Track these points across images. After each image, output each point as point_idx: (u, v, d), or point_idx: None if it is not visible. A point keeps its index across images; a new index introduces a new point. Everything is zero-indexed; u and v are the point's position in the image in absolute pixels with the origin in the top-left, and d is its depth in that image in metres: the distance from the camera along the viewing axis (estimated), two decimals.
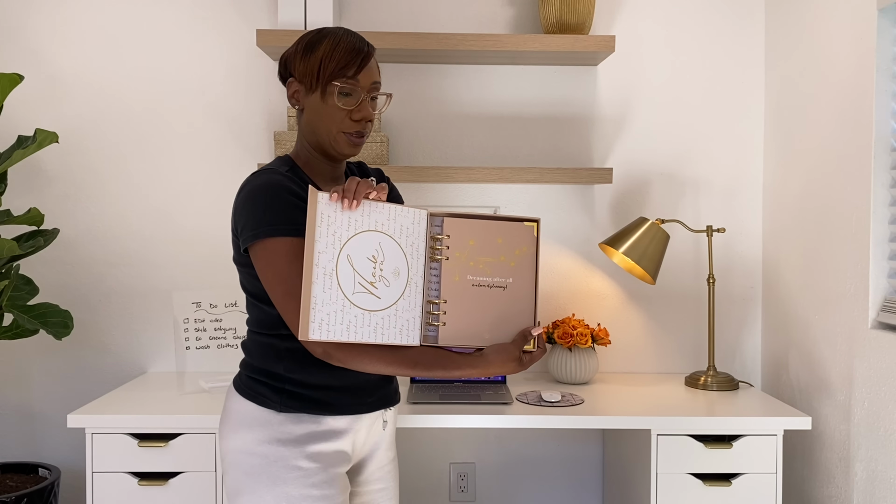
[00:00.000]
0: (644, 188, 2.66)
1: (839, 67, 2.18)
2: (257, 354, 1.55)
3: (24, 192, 2.60)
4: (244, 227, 1.45)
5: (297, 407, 1.50)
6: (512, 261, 1.48)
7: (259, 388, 1.52)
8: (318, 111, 1.50)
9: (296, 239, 1.40)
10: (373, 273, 1.39)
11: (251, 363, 1.56)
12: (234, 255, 1.55)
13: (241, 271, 1.55)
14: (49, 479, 2.40)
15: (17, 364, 2.63)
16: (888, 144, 2.01)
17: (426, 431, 2.69)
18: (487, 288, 1.46)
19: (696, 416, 2.11)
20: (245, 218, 1.45)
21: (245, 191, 1.47)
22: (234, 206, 1.50)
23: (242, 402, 1.53)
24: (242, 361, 1.60)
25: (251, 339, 1.58)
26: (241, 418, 1.52)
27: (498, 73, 2.64)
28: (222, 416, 1.59)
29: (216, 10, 2.60)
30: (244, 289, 1.56)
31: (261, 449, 1.49)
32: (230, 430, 1.54)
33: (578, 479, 2.71)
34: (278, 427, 1.49)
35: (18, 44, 2.59)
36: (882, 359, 1.98)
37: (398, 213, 1.41)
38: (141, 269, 2.62)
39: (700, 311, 2.66)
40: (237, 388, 1.56)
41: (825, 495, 2.25)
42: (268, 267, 1.42)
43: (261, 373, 1.53)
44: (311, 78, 1.49)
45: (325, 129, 1.50)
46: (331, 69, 1.47)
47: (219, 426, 1.60)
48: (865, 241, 2.05)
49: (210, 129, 2.61)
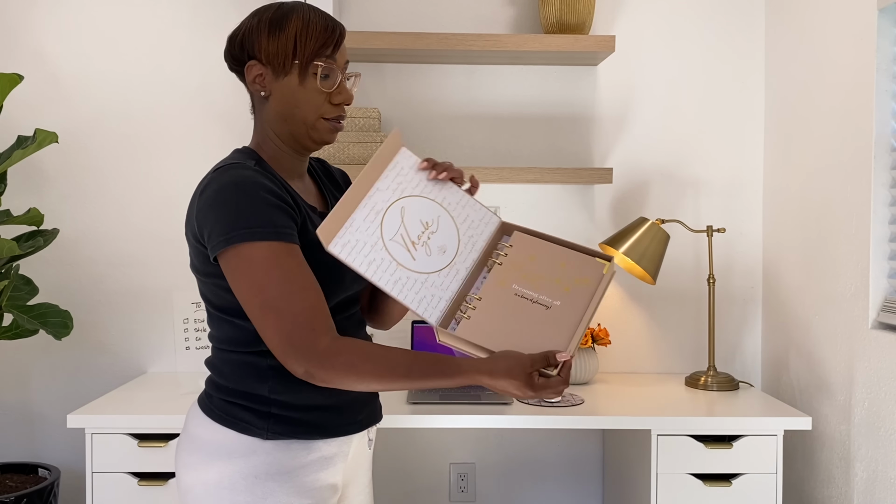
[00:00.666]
0: (644, 188, 2.66)
1: (839, 67, 2.18)
2: (232, 374, 1.33)
3: (24, 192, 2.60)
4: (213, 231, 1.24)
5: (287, 432, 1.31)
6: (568, 286, 1.33)
7: (239, 412, 1.31)
8: (294, 96, 1.31)
9: (274, 243, 1.22)
10: (419, 236, 1.31)
11: (224, 385, 1.34)
12: (195, 264, 1.34)
13: (204, 282, 1.34)
14: (49, 479, 2.40)
15: (17, 364, 2.63)
16: (888, 144, 2.01)
17: (426, 431, 2.69)
18: (530, 302, 1.32)
19: (696, 417, 2.11)
20: (213, 221, 1.24)
21: (211, 189, 1.26)
22: (198, 208, 1.28)
23: (217, 430, 1.31)
24: (211, 382, 1.37)
25: (221, 357, 1.36)
26: (216, 448, 1.31)
27: (498, 73, 2.64)
28: (184, 445, 1.35)
29: (216, 10, 2.60)
30: (208, 302, 1.35)
31: (245, 484, 1.28)
32: (200, 462, 1.31)
33: (578, 479, 2.71)
34: (265, 457, 1.30)
35: (18, 44, 2.58)
36: (882, 359, 1.98)
37: (471, 204, 1.36)
38: (141, 269, 2.62)
39: (700, 311, 2.66)
40: (208, 413, 1.33)
41: (825, 495, 2.25)
42: (242, 277, 1.22)
43: (238, 395, 1.32)
44: (283, 59, 1.30)
45: (301, 116, 1.32)
46: (311, 48, 1.30)
47: (178, 457, 1.36)
48: (865, 241, 2.05)
49: (210, 129, 2.61)
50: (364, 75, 2.63)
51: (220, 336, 1.35)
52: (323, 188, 1.47)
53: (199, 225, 1.27)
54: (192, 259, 1.34)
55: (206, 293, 1.35)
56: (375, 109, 2.48)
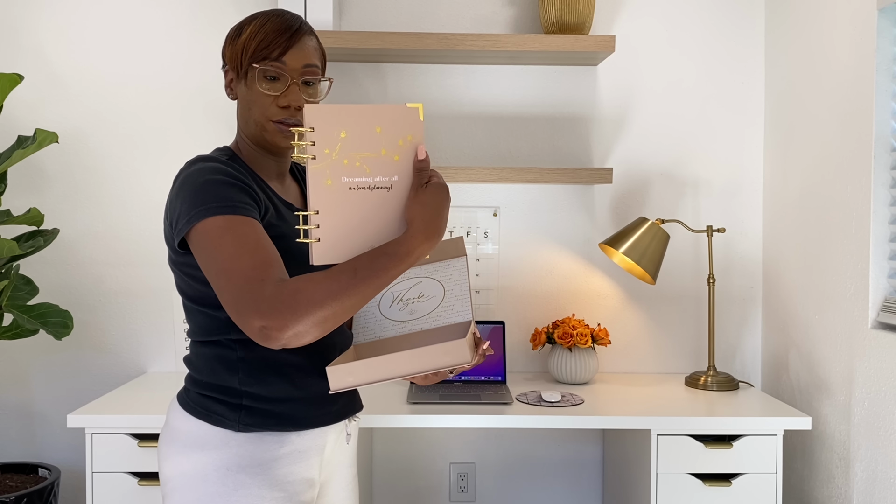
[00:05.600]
0: (644, 188, 2.66)
1: (839, 67, 2.18)
2: (206, 368, 1.36)
3: (24, 192, 2.60)
4: (178, 217, 1.26)
5: (259, 424, 1.33)
6: (396, 154, 1.21)
7: (212, 405, 1.33)
8: (246, 98, 1.38)
9: (230, 216, 1.22)
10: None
11: (198, 378, 1.37)
12: (171, 257, 1.37)
13: (178, 273, 1.36)
14: (49, 479, 2.40)
15: (17, 364, 2.63)
16: (888, 144, 2.01)
17: (426, 431, 2.69)
18: (368, 190, 1.20)
19: (696, 416, 2.11)
20: (178, 208, 1.27)
21: (178, 181, 1.31)
22: (168, 201, 1.33)
23: (192, 422, 1.34)
24: (188, 377, 1.40)
25: (196, 351, 1.39)
26: (191, 439, 1.33)
27: (498, 73, 2.64)
28: (165, 435, 1.39)
29: (216, 10, 2.60)
30: (183, 294, 1.37)
31: (217, 475, 1.30)
32: (177, 452, 1.34)
33: (578, 479, 2.71)
34: (237, 449, 1.31)
35: (19, 43, 2.59)
36: (882, 359, 1.98)
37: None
38: (141, 269, 2.62)
39: (700, 311, 2.66)
40: (184, 406, 1.36)
41: (825, 495, 2.25)
42: (202, 251, 1.21)
43: (211, 388, 1.34)
44: (237, 62, 1.37)
45: (254, 118, 1.37)
46: (252, 50, 1.34)
47: (159, 448, 1.39)
48: (865, 241, 2.05)
49: (210, 129, 2.61)
50: (364, 75, 2.63)
51: (194, 327, 1.38)
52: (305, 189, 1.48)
53: (170, 216, 1.31)
54: (169, 252, 1.37)
55: (181, 285, 1.37)
56: None
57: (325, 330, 1.15)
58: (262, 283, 1.15)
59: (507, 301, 2.67)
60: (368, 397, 2.18)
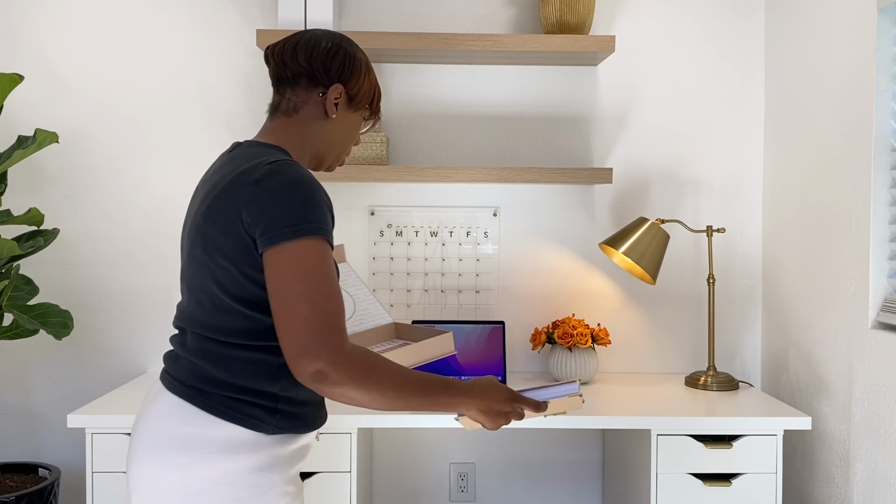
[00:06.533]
0: (644, 188, 2.66)
1: (839, 67, 2.18)
2: (242, 372, 1.32)
3: (24, 192, 2.60)
4: (274, 221, 1.24)
5: (290, 427, 1.35)
6: None
7: (249, 409, 1.31)
8: (348, 128, 1.48)
9: (327, 243, 1.27)
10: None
11: (227, 381, 1.31)
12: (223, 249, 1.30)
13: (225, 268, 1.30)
14: (49, 479, 2.40)
15: (17, 364, 2.63)
16: (888, 144, 2.01)
17: (426, 431, 2.69)
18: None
19: (696, 416, 2.11)
20: (277, 212, 1.24)
21: (274, 181, 1.26)
22: (253, 196, 1.27)
23: (222, 426, 1.30)
24: (206, 378, 1.33)
25: (226, 352, 1.33)
26: (219, 444, 1.30)
27: (498, 73, 2.64)
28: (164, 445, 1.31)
29: (216, 10, 2.60)
30: (224, 291, 1.31)
31: (251, 478, 1.30)
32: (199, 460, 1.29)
33: (578, 479, 2.71)
34: (267, 451, 1.33)
35: (19, 43, 2.59)
36: (882, 359, 1.98)
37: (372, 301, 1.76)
38: (141, 269, 2.62)
39: (700, 311, 2.66)
40: (208, 410, 1.31)
41: (825, 495, 2.25)
42: (294, 266, 1.22)
43: (249, 392, 1.32)
44: (363, 98, 1.47)
45: (341, 145, 1.49)
46: (376, 98, 1.51)
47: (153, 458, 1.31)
48: (865, 241, 2.05)
49: (210, 129, 2.61)
50: None
51: (229, 329, 1.32)
52: None
53: (253, 212, 1.26)
54: (219, 244, 1.30)
55: (224, 280, 1.31)
56: None
57: (358, 403, 1.25)
58: (342, 335, 1.22)
59: (507, 301, 2.67)
60: None
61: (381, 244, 2.66)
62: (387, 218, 2.66)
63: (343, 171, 2.41)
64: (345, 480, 2.09)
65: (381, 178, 2.44)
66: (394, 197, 2.65)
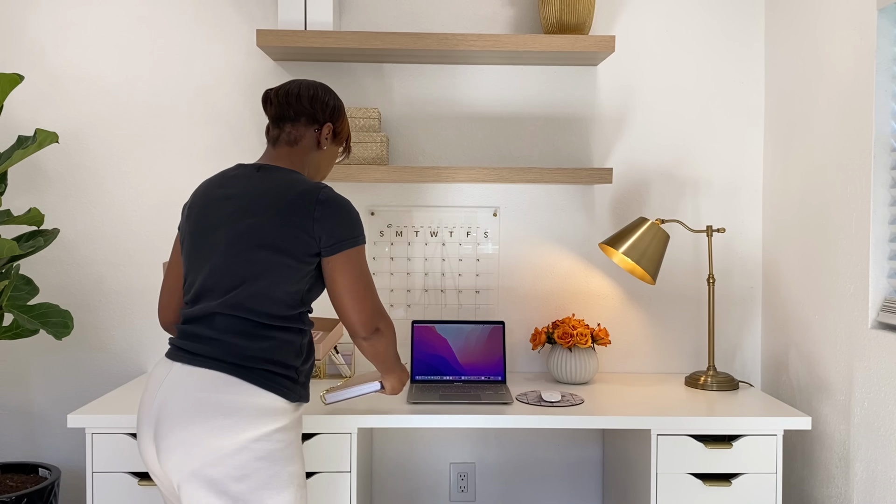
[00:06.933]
0: (644, 188, 2.66)
1: (839, 67, 2.18)
2: (278, 349, 1.64)
3: (24, 192, 2.60)
4: (345, 232, 1.68)
5: (303, 396, 1.72)
6: None
7: (281, 380, 1.64)
8: (330, 158, 1.90)
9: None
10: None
11: (268, 357, 1.63)
12: (290, 250, 1.65)
13: (290, 266, 1.65)
14: (49, 479, 2.40)
15: (17, 364, 2.63)
16: (888, 144, 2.01)
17: (426, 431, 2.69)
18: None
19: (696, 416, 2.11)
20: (344, 224, 1.69)
21: (334, 202, 1.69)
22: (323, 213, 1.67)
23: (264, 395, 1.61)
24: (259, 358, 1.62)
25: (267, 333, 1.64)
26: (260, 411, 1.59)
27: (498, 73, 2.65)
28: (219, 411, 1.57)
29: (216, 10, 2.60)
30: (279, 287, 1.65)
31: (279, 435, 1.61)
32: (242, 423, 1.57)
33: (578, 479, 2.71)
34: (290, 415, 1.66)
35: (19, 43, 2.59)
36: (882, 359, 1.98)
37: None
38: (141, 269, 2.62)
39: (700, 311, 2.66)
40: (257, 383, 1.61)
41: (825, 495, 2.25)
42: (357, 266, 1.70)
43: (281, 366, 1.64)
44: (343, 135, 1.90)
45: (325, 170, 1.90)
46: (350, 136, 1.96)
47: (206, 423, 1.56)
48: (865, 241, 2.05)
49: (210, 129, 2.61)
50: (364, 75, 2.63)
51: (275, 313, 1.65)
52: None
53: (318, 224, 1.66)
54: (286, 246, 1.65)
55: (282, 274, 1.65)
56: (375, 109, 2.48)
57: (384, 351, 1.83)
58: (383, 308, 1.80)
59: (507, 301, 2.67)
60: (369, 397, 2.18)
61: (381, 244, 2.66)
62: (387, 218, 2.66)
63: (343, 171, 2.41)
64: (345, 480, 2.09)
65: (381, 178, 2.44)
66: (394, 197, 2.66)
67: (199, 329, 1.66)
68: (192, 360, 1.62)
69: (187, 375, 1.61)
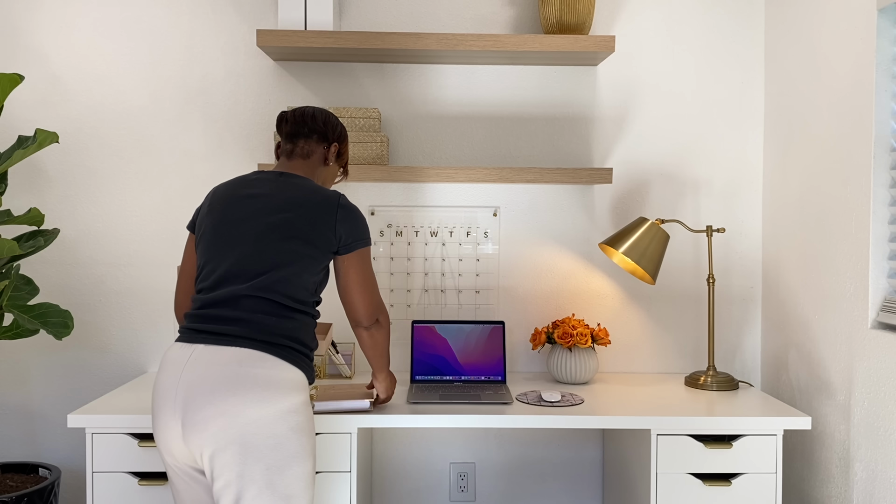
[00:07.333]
0: (644, 188, 2.66)
1: (839, 67, 2.18)
2: (301, 329, 1.82)
3: (24, 192, 2.60)
4: (353, 233, 1.89)
5: (313, 373, 1.88)
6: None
7: (302, 358, 1.81)
8: (332, 174, 2.09)
9: None
10: None
11: (294, 336, 1.80)
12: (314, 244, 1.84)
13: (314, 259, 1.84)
14: (49, 479, 2.40)
15: (17, 364, 2.63)
16: (888, 144, 2.01)
17: (426, 431, 2.69)
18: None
19: (696, 416, 2.11)
20: (359, 227, 1.91)
21: (349, 206, 1.92)
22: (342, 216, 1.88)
23: (292, 371, 1.77)
24: (286, 336, 1.78)
25: (294, 315, 1.82)
26: (291, 384, 1.75)
27: (498, 73, 2.65)
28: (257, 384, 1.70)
29: (216, 10, 2.60)
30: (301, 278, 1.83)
31: (303, 407, 1.77)
32: (278, 394, 1.72)
33: (578, 479, 2.71)
34: (307, 389, 1.83)
35: (19, 44, 2.59)
36: (882, 359, 1.98)
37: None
38: (141, 269, 2.62)
39: (700, 311, 2.66)
40: (285, 359, 1.76)
41: (825, 495, 2.25)
42: (365, 264, 1.93)
43: (302, 344, 1.82)
44: (345, 156, 2.10)
45: (327, 184, 2.07)
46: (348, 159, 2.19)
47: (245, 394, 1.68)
48: (865, 241, 2.05)
49: (210, 129, 2.61)
50: (364, 75, 2.63)
51: (299, 297, 1.82)
52: None
53: (340, 225, 1.88)
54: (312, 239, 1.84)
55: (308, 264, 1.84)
56: (375, 109, 2.48)
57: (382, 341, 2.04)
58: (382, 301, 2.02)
59: (507, 301, 2.67)
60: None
61: (382, 244, 2.66)
62: (387, 218, 2.66)
63: None
64: (345, 480, 2.09)
65: (381, 178, 2.44)
66: (394, 197, 2.66)
67: (223, 311, 1.78)
68: (219, 339, 1.74)
69: (215, 353, 1.72)
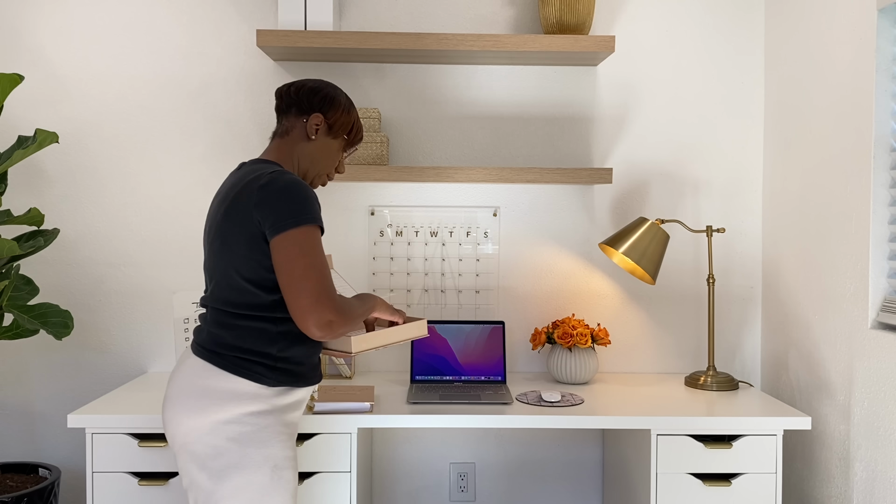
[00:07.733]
0: (644, 188, 2.66)
1: (839, 67, 2.18)
2: (248, 337, 1.69)
3: (24, 192, 2.60)
4: (280, 214, 1.61)
5: (287, 381, 1.72)
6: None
7: (253, 367, 1.68)
8: (327, 151, 1.84)
9: (319, 230, 1.67)
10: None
11: (238, 345, 1.68)
12: (240, 241, 1.66)
13: (247, 257, 1.66)
14: (49, 479, 2.40)
15: (17, 364, 2.63)
16: (888, 144, 2.01)
17: (426, 431, 2.69)
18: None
19: (696, 416, 2.11)
20: (280, 207, 1.62)
21: (276, 185, 1.65)
22: (261, 197, 1.64)
23: (232, 380, 1.67)
24: (230, 346, 1.69)
25: (234, 322, 1.69)
26: (229, 394, 1.67)
27: (498, 73, 2.65)
28: (188, 394, 1.68)
29: (216, 10, 2.60)
30: (238, 273, 1.67)
31: (250, 419, 1.67)
32: (212, 405, 1.66)
33: (578, 479, 2.71)
34: (268, 400, 1.69)
35: (18, 44, 2.59)
36: (882, 359, 1.98)
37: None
38: (141, 269, 2.62)
39: (700, 311, 2.66)
40: (228, 370, 1.68)
41: (825, 495, 2.25)
42: (298, 247, 1.61)
43: (253, 353, 1.68)
44: (341, 128, 1.84)
45: (321, 164, 1.84)
46: (356, 131, 1.88)
47: (182, 403, 1.69)
48: (865, 241, 2.05)
49: (210, 129, 2.61)
50: (364, 75, 2.63)
51: (239, 303, 1.68)
52: None
53: (263, 211, 1.63)
54: (236, 236, 1.66)
55: (239, 265, 1.67)
56: (375, 109, 2.48)
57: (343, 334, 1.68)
58: (334, 293, 1.64)
59: (507, 301, 2.67)
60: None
61: (381, 244, 2.66)
62: (387, 218, 2.66)
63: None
64: (345, 480, 2.09)
65: (381, 178, 2.44)
66: (394, 197, 2.66)
67: (200, 320, 1.80)
68: (192, 348, 1.76)
69: (183, 362, 1.76)
